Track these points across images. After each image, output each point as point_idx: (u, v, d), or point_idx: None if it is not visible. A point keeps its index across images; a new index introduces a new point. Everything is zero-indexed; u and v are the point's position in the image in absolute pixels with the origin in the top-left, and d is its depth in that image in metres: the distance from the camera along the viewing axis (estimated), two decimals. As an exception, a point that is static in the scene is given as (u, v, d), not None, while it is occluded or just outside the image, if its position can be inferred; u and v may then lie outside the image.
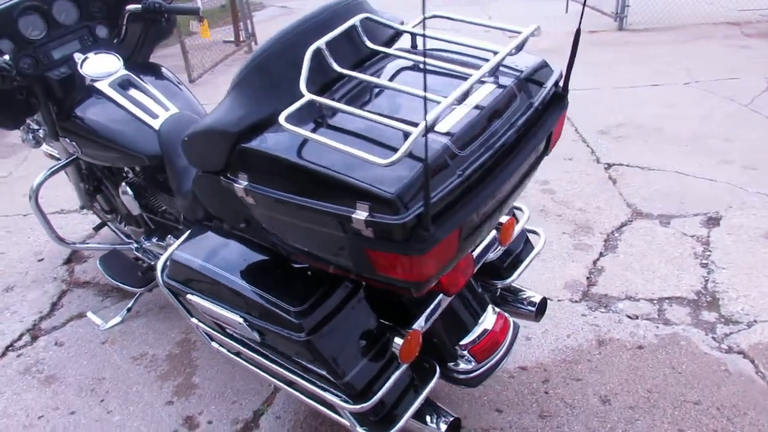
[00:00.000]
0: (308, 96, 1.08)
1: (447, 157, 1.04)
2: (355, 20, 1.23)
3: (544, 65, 1.28)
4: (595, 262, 2.44)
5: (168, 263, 1.51)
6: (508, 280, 1.67)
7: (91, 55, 2.00)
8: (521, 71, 1.23)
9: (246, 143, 1.15)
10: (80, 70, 1.97)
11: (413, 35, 1.33)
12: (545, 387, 1.84)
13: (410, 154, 0.98)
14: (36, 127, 2.30)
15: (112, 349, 2.17)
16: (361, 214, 1.02)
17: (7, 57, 1.81)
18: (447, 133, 1.08)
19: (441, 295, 1.39)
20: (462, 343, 1.48)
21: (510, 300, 1.75)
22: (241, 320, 1.35)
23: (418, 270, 1.06)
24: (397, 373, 1.32)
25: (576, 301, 2.21)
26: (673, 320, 2.07)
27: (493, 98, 1.16)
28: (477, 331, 1.50)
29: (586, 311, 2.15)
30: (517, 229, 1.66)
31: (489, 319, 1.52)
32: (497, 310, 1.55)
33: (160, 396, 1.93)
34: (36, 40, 1.96)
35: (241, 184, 1.17)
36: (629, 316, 2.11)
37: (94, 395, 1.96)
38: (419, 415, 1.44)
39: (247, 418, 1.82)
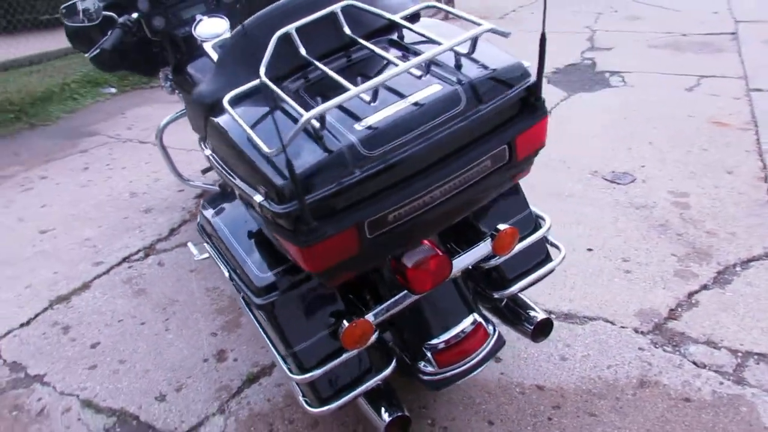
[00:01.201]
0: (259, 80, 1.13)
1: (348, 155, 1.03)
2: (335, 7, 1.23)
3: (514, 69, 1.15)
4: (690, 295, 2.10)
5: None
6: (505, 292, 1.55)
7: (205, 17, 2.27)
8: (478, 73, 1.13)
9: (212, 116, 1.26)
10: (194, 31, 2.24)
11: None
12: (552, 413, 1.68)
13: (323, 146, 1.00)
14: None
15: (194, 277, 2.49)
16: (258, 198, 1.07)
17: (134, 15, 2.14)
18: (367, 129, 1.05)
19: (405, 292, 1.36)
20: (429, 344, 1.43)
21: (509, 314, 1.62)
22: (227, 274, 1.49)
23: (308, 261, 1.07)
24: (343, 357, 1.34)
25: (641, 333, 1.94)
26: (749, 381, 1.71)
27: (429, 98, 1.09)
28: (444, 336, 1.43)
29: (647, 346, 1.89)
30: (533, 239, 1.53)
31: (462, 327, 1.45)
32: (479, 320, 1.46)
33: (209, 326, 2.19)
34: (167, 1, 2.28)
35: (206, 153, 1.29)
36: (695, 363, 1.80)
37: (163, 313, 2.29)
38: (374, 401, 1.44)
39: (266, 365, 1.98)
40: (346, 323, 1.32)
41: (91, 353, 2.12)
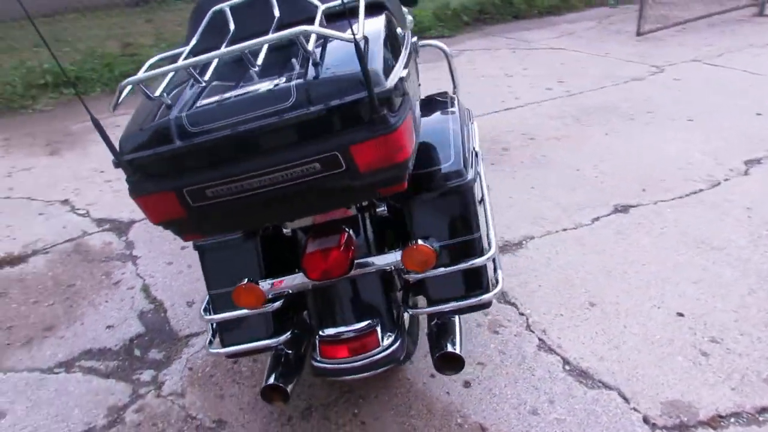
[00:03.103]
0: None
1: (173, 126, 1.11)
2: None
3: (351, 80, 1.06)
4: (761, 410, 1.61)
5: None
6: (415, 310, 1.45)
7: None
8: (318, 75, 1.08)
9: None
10: None
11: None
12: (469, 458, 1.52)
13: (161, 115, 1.12)
14: None
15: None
16: None
17: None
18: (198, 107, 1.12)
19: (299, 273, 1.39)
20: (321, 332, 1.44)
21: (433, 335, 1.49)
22: None
23: (144, 211, 1.19)
24: (236, 312, 1.46)
25: (651, 424, 1.58)
26: None
27: (262, 89, 1.10)
28: (333, 330, 1.42)
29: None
30: (459, 266, 1.41)
31: (356, 327, 1.42)
32: (375, 326, 1.41)
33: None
34: None
35: None
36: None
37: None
38: (275, 366, 1.53)
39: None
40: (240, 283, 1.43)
41: (176, 251, 2.57)
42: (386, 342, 1.41)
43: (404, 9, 2.72)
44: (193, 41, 1.29)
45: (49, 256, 2.57)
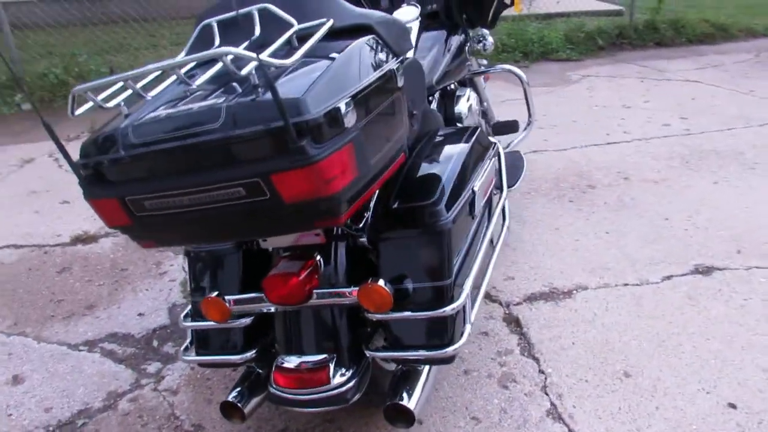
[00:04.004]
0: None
1: (120, 136, 1.13)
2: (253, 8, 1.27)
3: (271, 108, 0.99)
4: None
5: None
6: (369, 352, 1.36)
7: (404, 5, 2.40)
8: (249, 97, 1.04)
9: None
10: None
11: None
12: None
13: (116, 123, 1.17)
14: None
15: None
16: None
17: None
18: (145, 119, 1.13)
19: (260, 294, 1.37)
20: (280, 358, 1.40)
21: (394, 380, 1.39)
22: None
23: (96, 214, 1.23)
24: (205, 324, 1.47)
25: None
26: None
27: (197, 107, 1.09)
28: (288, 359, 1.38)
29: None
30: (417, 315, 1.33)
31: (311, 359, 1.36)
32: (329, 363, 1.35)
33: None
34: None
35: None
36: None
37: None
38: (242, 381, 1.53)
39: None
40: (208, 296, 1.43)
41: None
42: (337, 380, 1.34)
43: (484, 31, 2.62)
44: (182, 53, 1.33)
45: (116, 240, 2.79)
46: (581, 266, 2.39)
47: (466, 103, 2.26)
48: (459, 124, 2.24)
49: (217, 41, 1.30)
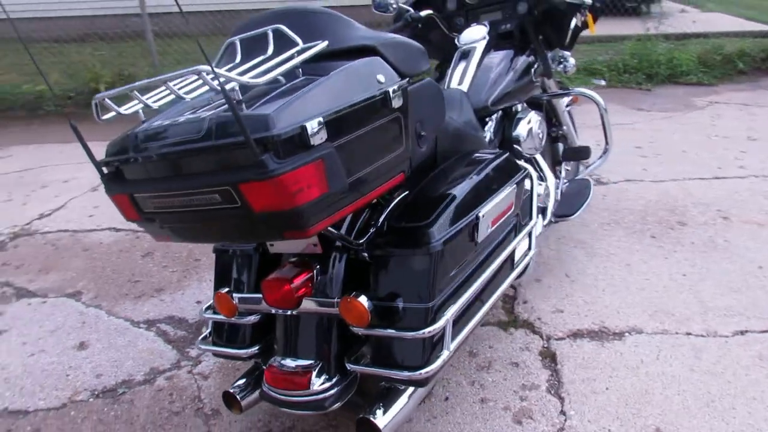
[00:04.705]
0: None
1: (131, 139, 1.26)
2: (267, 28, 1.34)
3: (234, 122, 1.05)
4: None
5: None
6: (351, 365, 1.38)
7: (474, 23, 2.39)
8: (228, 111, 1.09)
9: None
10: (459, 34, 2.40)
11: None
12: None
13: (137, 126, 1.31)
14: None
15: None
16: None
17: (422, 13, 2.42)
18: (152, 126, 1.24)
19: (259, 294, 1.45)
20: (273, 357, 1.48)
21: (373, 395, 1.39)
22: None
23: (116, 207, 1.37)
24: (217, 316, 1.60)
25: None
26: None
27: (189, 119, 1.19)
28: (279, 359, 1.46)
29: None
30: (392, 333, 1.34)
31: (299, 363, 1.42)
32: (313, 369, 1.40)
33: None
34: (470, 4, 2.48)
35: None
36: None
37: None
38: (249, 373, 1.63)
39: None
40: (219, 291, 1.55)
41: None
42: (317, 387, 1.38)
43: (565, 53, 2.53)
44: (214, 62, 1.44)
45: (198, 232, 3.04)
46: (642, 308, 2.22)
47: (525, 126, 2.19)
48: (516, 147, 2.19)
49: (238, 57, 1.40)
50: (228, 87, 1.14)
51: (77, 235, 3.15)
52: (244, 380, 1.60)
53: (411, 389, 1.42)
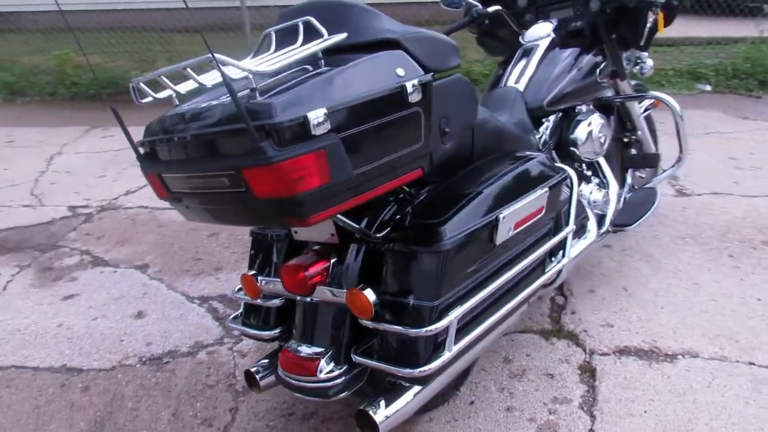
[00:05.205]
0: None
1: (161, 122, 1.33)
2: (298, 20, 1.36)
3: (239, 110, 1.07)
4: None
5: None
6: (356, 357, 1.40)
7: (540, 21, 2.30)
8: (239, 99, 1.12)
9: None
10: (524, 30, 2.32)
11: None
12: None
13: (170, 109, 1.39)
14: None
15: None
16: None
17: (489, 9, 2.36)
18: (182, 109, 1.31)
19: (278, 279, 1.50)
20: (290, 341, 1.52)
21: (378, 389, 1.39)
22: None
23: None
24: (247, 298, 1.66)
25: None
26: None
27: (207, 104, 1.24)
28: (294, 344, 1.50)
29: None
30: (393, 328, 1.34)
31: (311, 350, 1.46)
32: (321, 356, 1.42)
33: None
34: (541, 0, 2.40)
35: None
36: None
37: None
38: (273, 355, 1.68)
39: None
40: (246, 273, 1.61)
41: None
42: (324, 375, 1.41)
43: (642, 53, 2.39)
44: (249, 56, 1.49)
45: (262, 217, 3.16)
46: (703, 330, 2.06)
47: (585, 128, 2.08)
48: (574, 150, 2.09)
49: (272, 47, 1.44)
50: (236, 76, 1.18)
51: (155, 212, 3.38)
52: (267, 361, 1.66)
53: (417, 388, 1.41)
